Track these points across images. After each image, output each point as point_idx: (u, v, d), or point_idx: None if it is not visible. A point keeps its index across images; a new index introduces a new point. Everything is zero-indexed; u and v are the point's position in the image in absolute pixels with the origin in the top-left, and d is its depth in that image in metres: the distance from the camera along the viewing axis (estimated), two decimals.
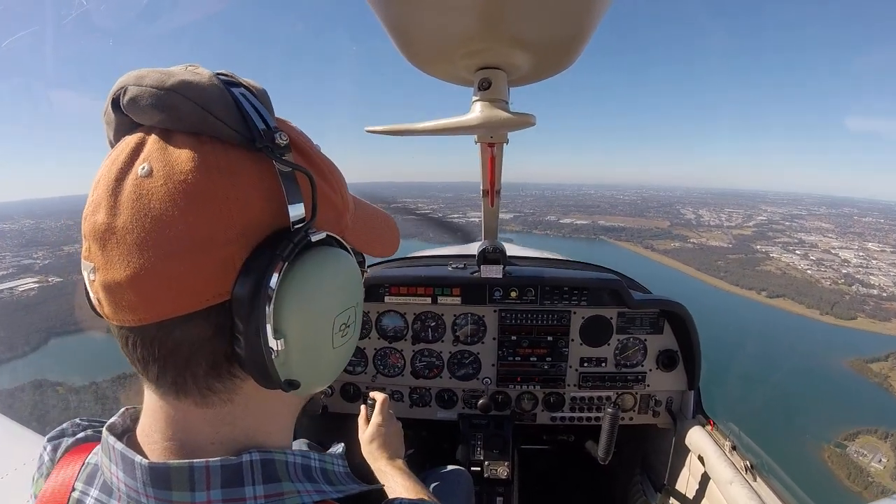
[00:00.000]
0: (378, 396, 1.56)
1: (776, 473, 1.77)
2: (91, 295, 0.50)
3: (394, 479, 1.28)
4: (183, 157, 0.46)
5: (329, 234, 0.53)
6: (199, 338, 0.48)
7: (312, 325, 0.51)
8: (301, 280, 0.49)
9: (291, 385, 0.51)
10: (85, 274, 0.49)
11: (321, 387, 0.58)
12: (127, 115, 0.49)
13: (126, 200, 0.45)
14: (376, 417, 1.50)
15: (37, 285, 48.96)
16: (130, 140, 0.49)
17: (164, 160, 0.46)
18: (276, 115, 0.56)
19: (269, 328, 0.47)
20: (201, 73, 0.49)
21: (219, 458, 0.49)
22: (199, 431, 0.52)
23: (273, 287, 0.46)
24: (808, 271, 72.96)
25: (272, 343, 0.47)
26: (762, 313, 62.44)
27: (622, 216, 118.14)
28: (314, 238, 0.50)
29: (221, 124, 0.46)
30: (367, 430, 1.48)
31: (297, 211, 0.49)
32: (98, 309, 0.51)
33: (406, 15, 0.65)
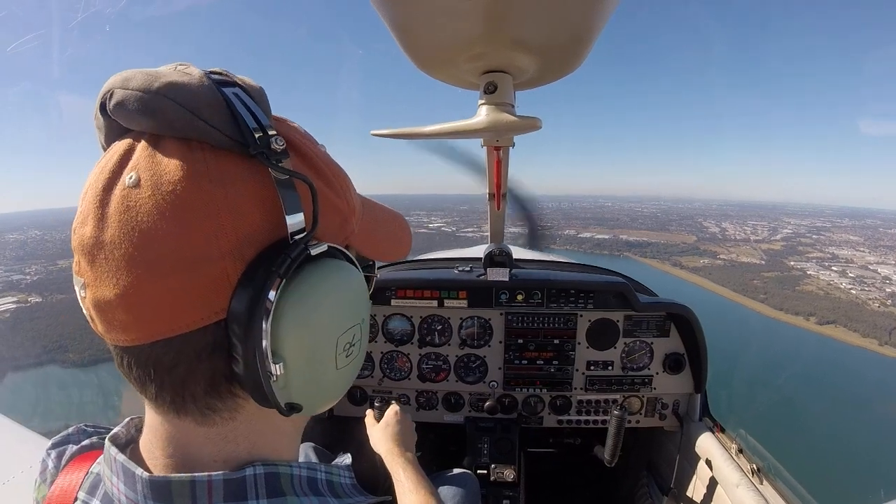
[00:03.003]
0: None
1: (783, 476, 1.78)
2: (83, 311, 0.48)
3: (405, 470, 1.28)
4: (171, 165, 0.43)
5: (332, 245, 0.50)
6: (195, 358, 0.46)
7: (314, 346, 0.48)
8: (300, 298, 0.45)
9: (293, 409, 0.49)
10: (76, 289, 0.47)
11: (325, 408, 0.55)
12: (114, 120, 0.46)
13: (113, 213, 0.43)
14: (393, 408, 1.53)
15: (14, 306, 44.78)
16: (119, 146, 0.46)
17: (151, 169, 0.43)
18: (280, 116, 0.54)
19: (267, 351, 0.44)
20: (191, 72, 0.46)
21: (221, 472, 0.48)
22: (201, 449, 0.50)
23: (269, 307, 0.44)
24: (853, 291, 67.64)
25: (271, 367, 0.44)
26: (816, 345, 54.82)
27: (645, 230, 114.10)
28: (314, 251, 0.47)
29: (211, 129, 0.43)
30: (383, 419, 1.51)
31: (296, 221, 0.46)
32: (91, 325, 0.48)
33: (411, 18, 0.65)
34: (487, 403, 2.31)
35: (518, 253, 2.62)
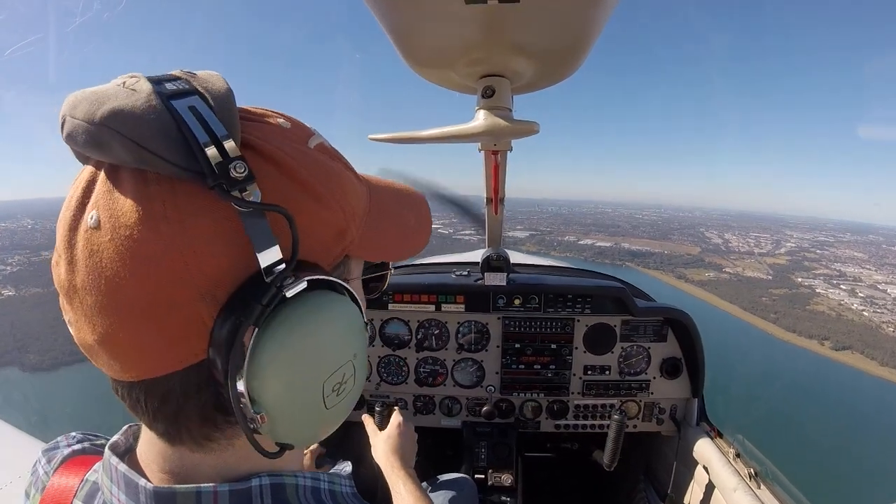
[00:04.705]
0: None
1: (780, 480, 1.78)
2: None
3: (405, 485, 1.27)
4: (127, 205, 0.39)
5: (315, 278, 0.44)
6: (182, 395, 0.44)
7: (296, 395, 0.44)
8: (276, 347, 0.41)
9: (284, 448, 0.46)
10: (66, 320, 0.45)
11: (320, 440, 0.52)
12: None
13: (80, 257, 0.40)
14: (397, 418, 1.51)
15: None
16: (82, 176, 0.43)
17: (110, 209, 0.40)
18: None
19: (246, 401, 0.41)
20: (139, 90, 0.40)
21: (227, 483, 0.47)
22: (200, 471, 0.49)
23: (244, 357, 0.40)
24: (865, 313, 65.47)
25: (251, 416, 0.41)
26: (835, 374, 50.76)
27: (647, 239, 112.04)
28: (290, 292, 0.42)
29: (162, 161, 0.38)
30: (386, 430, 1.49)
31: (271, 254, 0.41)
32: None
33: (409, 23, 0.65)
34: (485, 408, 2.30)
35: (516, 257, 2.60)
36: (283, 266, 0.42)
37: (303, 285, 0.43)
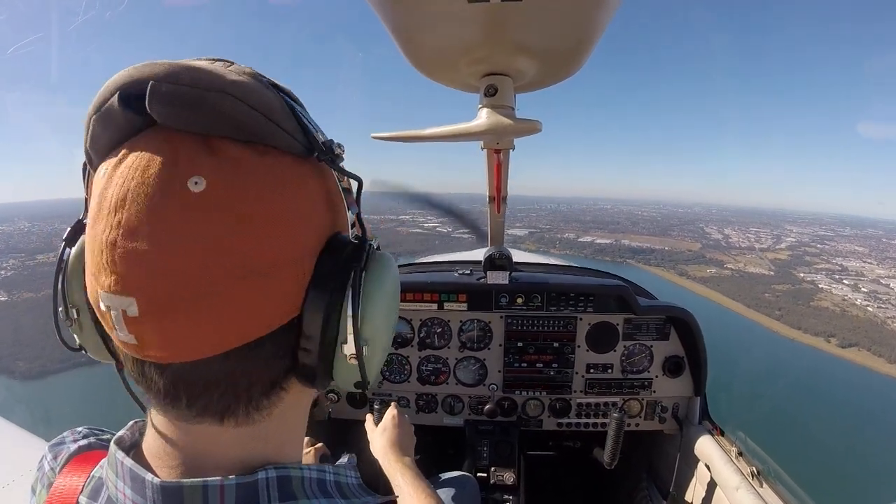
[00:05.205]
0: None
1: (782, 479, 1.78)
2: (121, 333, 0.42)
3: (403, 476, 1.27)
4: (249, 171, 0.41)
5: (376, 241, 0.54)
6: (264, 362, 0.46)
7: (384, 327, 0.52)
8: (373, 287, 0.49)
9: (361, 387, 0.52)
10: (115, 310, 0.41)
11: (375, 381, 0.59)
12: (139, 115, 0.41)
13: (181, 222, 0.39)
14: (391, 411, 1.52)
15: None
16: (154, 148, 0.41)
17: (223, 174, 0.40)
18: None
19: (358, 336, 0.47)
20: (244, 71, 0.43)
21: (234, 477, 0.47)
22: (224, 453, 0.49)
23: (358, 297, 0.47)
24: (869, 308, 64.17)
25: (361, 349, 0.48)
26: (841, 371, 48.79)
27: (647, 235, 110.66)
28: (375, 244, 0.51)
29: (285, 133, 0.43)
30: (381, 423, 1.49)
31: (350, 218, 0.51)
32: (132, 349, 0.43)
33: (412, 22, 0.65)
34: (487, 406, 2.30)
35: (518, 256, 2.62)
36: (354, 228, 0.52)
37: (378, 241, 0.52)
